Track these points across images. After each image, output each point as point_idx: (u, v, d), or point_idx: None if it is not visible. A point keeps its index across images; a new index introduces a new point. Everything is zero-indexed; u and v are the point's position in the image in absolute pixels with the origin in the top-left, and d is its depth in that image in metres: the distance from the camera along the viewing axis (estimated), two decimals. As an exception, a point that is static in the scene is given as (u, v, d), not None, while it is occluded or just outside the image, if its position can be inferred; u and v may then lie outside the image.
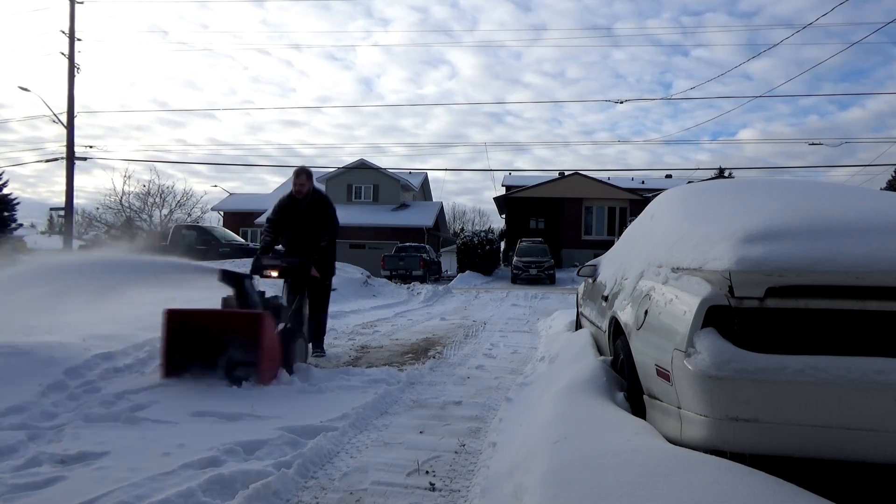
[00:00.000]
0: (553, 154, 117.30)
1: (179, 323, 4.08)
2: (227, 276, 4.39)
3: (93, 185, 77.90)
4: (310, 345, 5.09)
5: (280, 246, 5.63)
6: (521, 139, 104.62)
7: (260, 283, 4.48)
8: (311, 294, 5.21)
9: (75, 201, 20.89)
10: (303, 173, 5.37)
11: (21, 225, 34.91)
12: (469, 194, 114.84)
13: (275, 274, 4.89)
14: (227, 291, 4.43)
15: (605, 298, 3.77)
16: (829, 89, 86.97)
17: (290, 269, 4.96)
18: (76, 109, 20.61)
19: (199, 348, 4.06)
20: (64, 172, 20.65)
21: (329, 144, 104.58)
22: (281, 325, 4.40)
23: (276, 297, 4.72)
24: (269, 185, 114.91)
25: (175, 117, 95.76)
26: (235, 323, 4.18)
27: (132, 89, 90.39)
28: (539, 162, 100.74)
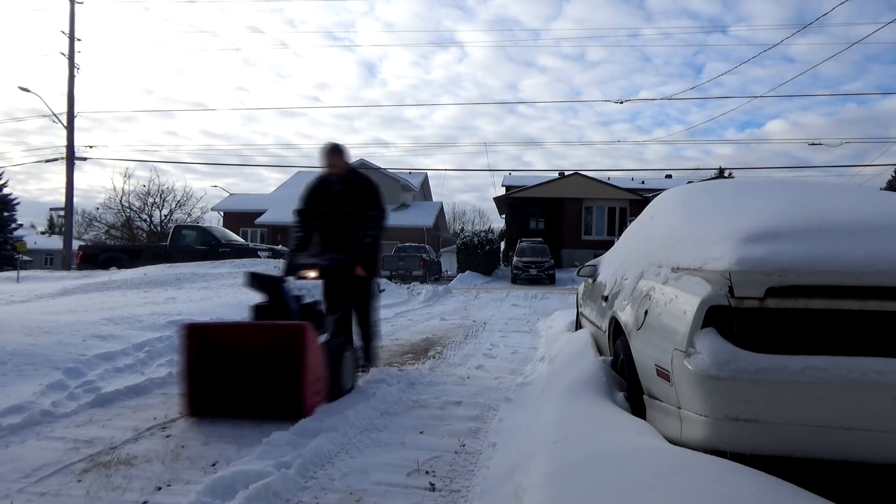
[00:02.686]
0: (564, 148, 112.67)
1: (203, 341, 3.32)
2: (258, 280, 3.66)
3: (86, 183, 76.75)
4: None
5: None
6: (533, 131, 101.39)
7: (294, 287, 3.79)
8: (355, 297, 4.29)
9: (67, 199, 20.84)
10: (333, 151, 4.37)
11: (21, 225, 34.93)
12: (474, 192, 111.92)
13: (313, 275, 4.01)
14: (257, 298, 3.69)
15: (605, 298, 3.77)
16: (878, 70, 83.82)
17: (331, 268, 4.06)
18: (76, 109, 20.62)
19: (228, 374, 3.30)
20: (56, 169, 20.76)
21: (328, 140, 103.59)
22: (324, 338, 3.62)
23: (317, 302, 3.83)
24: (268, 181, 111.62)
25: (166, 107, 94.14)
26: (270, 337, 3.35)
27: (119, 78, 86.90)
28: (549, 156, 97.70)
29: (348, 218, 4.36)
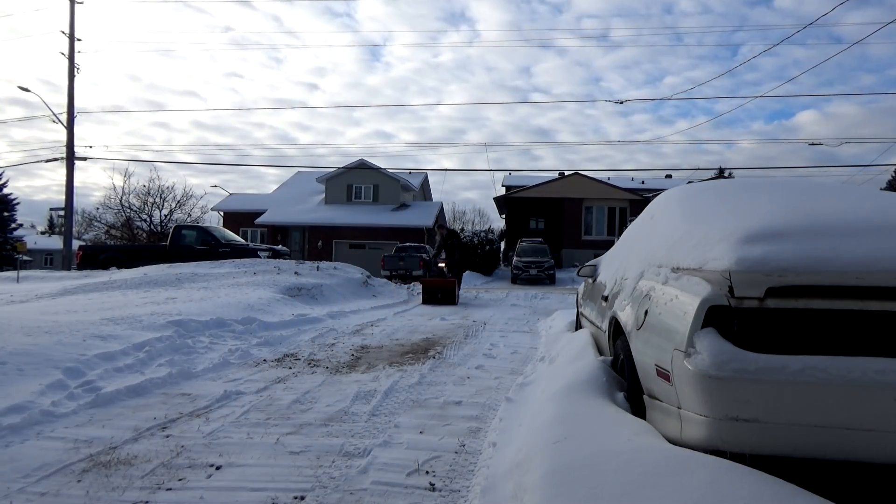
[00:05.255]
0: (574, 142, 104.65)
1: (427, 284, 11.85)
2: (436, 269, 13.15)
3: (79, 180, 74.83)
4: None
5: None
6: (546, 122, 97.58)
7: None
8: (457, 273, 12.56)
9: (58, 197, 20.91)
10: (441, 226, 13.37)
11: (21, 225, 34.96)
12: (479, 188, 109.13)
13: (443, 266, 12.52)
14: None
15: (605, 298, 3.77)
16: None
17: (451, 263, 12.39)
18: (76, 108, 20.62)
19: (437, 292, 11.54)
20: (48, 165, 20.76)
21: (325, 141, 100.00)
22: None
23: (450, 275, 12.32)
24: (266, 177, 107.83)
25: (155, 97, 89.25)
26: (445, 283, 11.70)
27: (104, 64, 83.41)
28: (560, 150, 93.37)
29: (449, 249, 12.59)
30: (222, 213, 34.80)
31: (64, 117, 20.59)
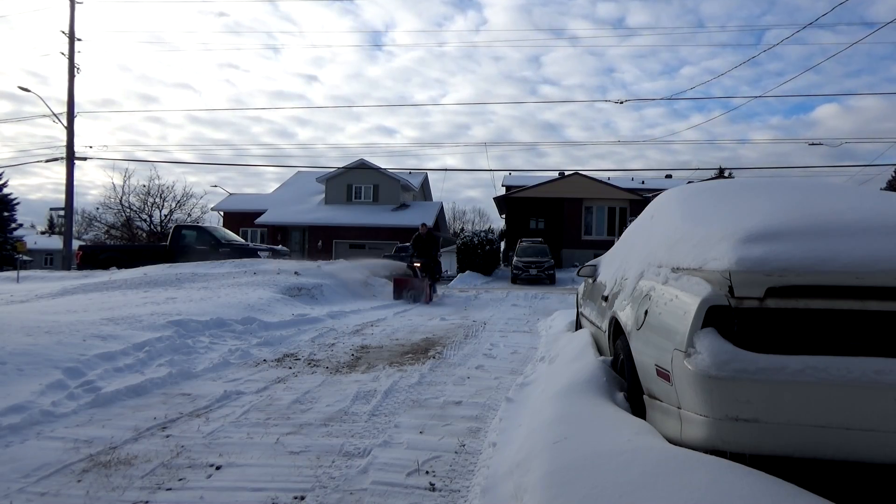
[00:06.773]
0: (580, 138, 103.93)
1: (398, 279, 12.23)
2: (410, 267, 13.15)
3: (75, 178, 72.89)
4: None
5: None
6: (553, 117, 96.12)
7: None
8: (434, 270, 13.09)
9: (53, 196, 21.00)
10: (425, 226, 13.22)
11: (21, 225, 34.94)
12: (482, 187, 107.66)
13: (418, 265, 12.46)
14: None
15: (605, 298, 3.77)
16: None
17: (426, 263, 12.56)
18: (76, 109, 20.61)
19: (403, 287, 11.98)
20: (42, 164, 20.83)
21: (324, 136, 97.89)
22: (429, 282, 12.14)
23: (423, 273, 12.52)
24: (265, 176, 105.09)
25: (147, 89, 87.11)
26: (413, 282, 12.04)
27: (97, 57, 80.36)
28: (567, 147, 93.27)
29: (427, 248, 12.91)
30: (222, 213, 34.80)
31: (63, 117, 20.61)
